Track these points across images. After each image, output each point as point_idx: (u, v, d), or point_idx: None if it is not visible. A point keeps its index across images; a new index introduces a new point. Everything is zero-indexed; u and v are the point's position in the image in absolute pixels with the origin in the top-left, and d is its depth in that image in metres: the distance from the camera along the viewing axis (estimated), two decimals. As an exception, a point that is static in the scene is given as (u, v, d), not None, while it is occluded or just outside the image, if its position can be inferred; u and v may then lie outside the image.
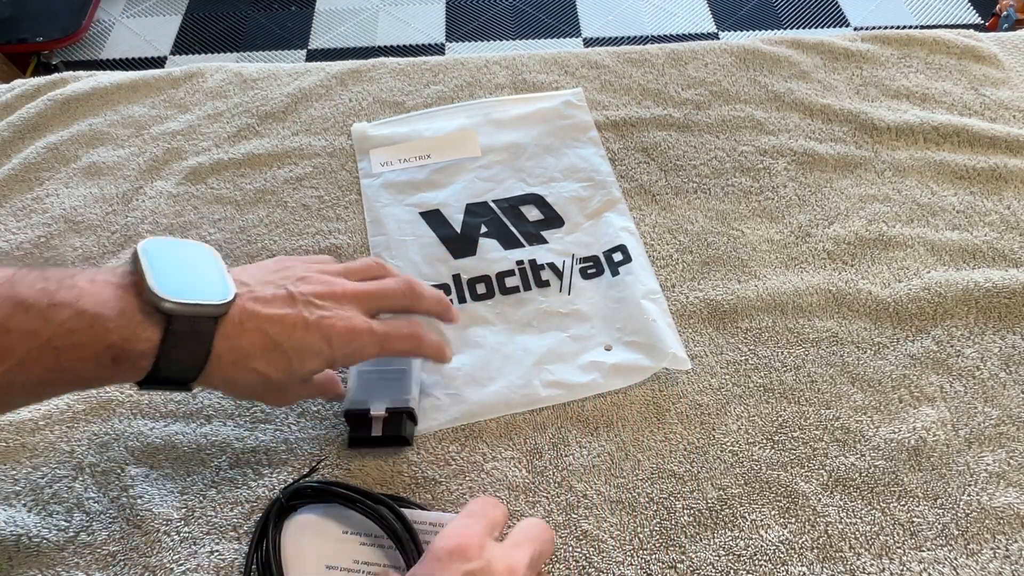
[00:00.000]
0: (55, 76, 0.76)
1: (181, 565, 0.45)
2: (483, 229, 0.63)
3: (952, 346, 0.55)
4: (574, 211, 0.64)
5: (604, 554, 0.46)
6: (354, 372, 0.51)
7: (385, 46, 1.95)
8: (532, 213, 0.64)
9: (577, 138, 0.69)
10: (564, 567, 0.45)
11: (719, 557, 0.45)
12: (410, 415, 0.49)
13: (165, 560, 0.45)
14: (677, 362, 0.53)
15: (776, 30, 1.96)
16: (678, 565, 0.45)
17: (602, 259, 0.60)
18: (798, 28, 1.97)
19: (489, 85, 0.75)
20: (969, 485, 0.48)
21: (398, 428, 0.48)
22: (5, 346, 0.35)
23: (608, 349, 0.55)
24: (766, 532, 0.46)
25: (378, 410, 0.48)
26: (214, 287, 0.40)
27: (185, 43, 1.97)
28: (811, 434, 0.51)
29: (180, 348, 0.38)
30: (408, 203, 0.65)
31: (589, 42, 1.94)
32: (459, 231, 0.63)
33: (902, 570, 0.45)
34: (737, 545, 0.46)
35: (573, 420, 0.52)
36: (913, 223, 0.63)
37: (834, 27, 1.97)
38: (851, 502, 0.48)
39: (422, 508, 0.46)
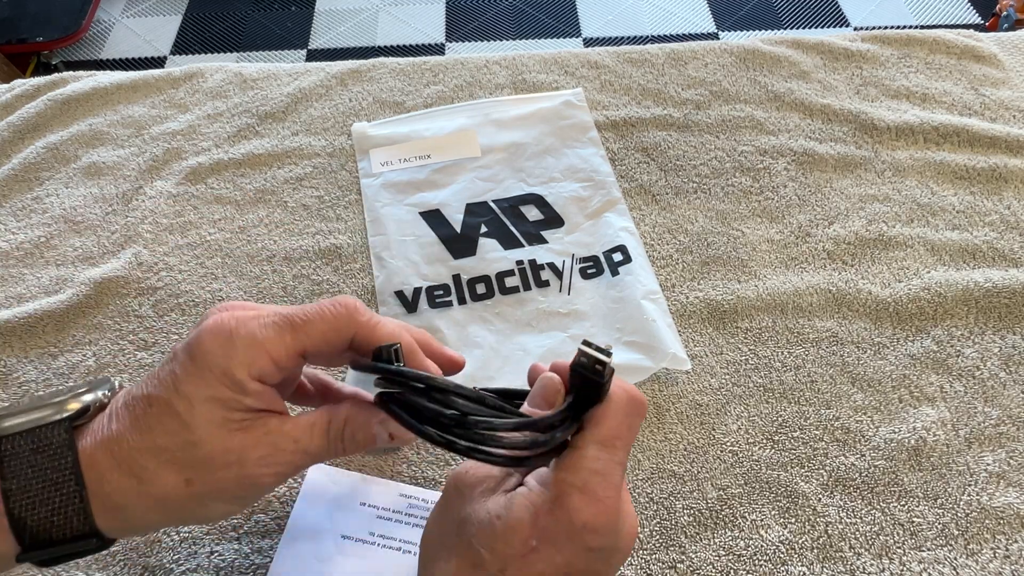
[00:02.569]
0: (55, 76, 0.76)
1: (181, 565, 0.45)
2: (483, 229, 0.63)
3: (952, 346, 0.55)
4: (574, 211, 0.64)
5: (604, 554, 0.46)
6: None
7: (385, 46, 1.95)
8: (532, 213, 0.64)
9: (577, 138, 0.69)
10: (564, 567, 0.45)
11: (719, 557, 0.45)
12: None
13: (165, 560, 0.45)
14: (677, 362, 0.53)
15: (776, 30, 1.96)
16: (678, 565, 0.45)
17: (602, 259, 0.60)
18: (798, 28, 1.97)
19: (489, 85, 0.75)
20: (969, 485, 0.48)
21: None
22: None
23: (608, 349, 0.55)
24: (766, 532, 0.46)
25: None
26: None
27: (185, 43, 1.97)
28: (811, 434, 0.51)
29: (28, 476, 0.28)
30: (408, 203, 0.65)
31: (589, 42, 1.94)
32: (459, 231, 0.63)
33: (902, 570, 0.45)
34: (737, 545, 0.46)
35: (573, 420, 0.52)
36: (913, 223, 0.63)
37: (834, 27, 1.97)
38: (851, 502, 0.48)
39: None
